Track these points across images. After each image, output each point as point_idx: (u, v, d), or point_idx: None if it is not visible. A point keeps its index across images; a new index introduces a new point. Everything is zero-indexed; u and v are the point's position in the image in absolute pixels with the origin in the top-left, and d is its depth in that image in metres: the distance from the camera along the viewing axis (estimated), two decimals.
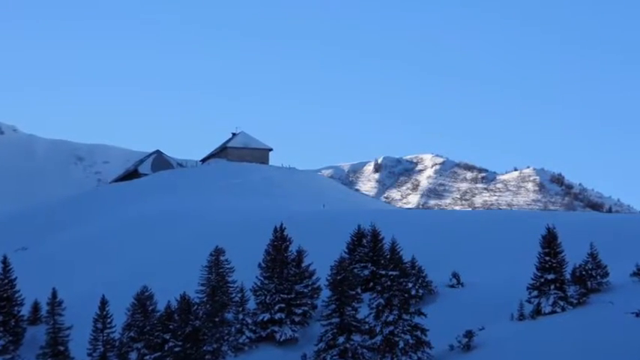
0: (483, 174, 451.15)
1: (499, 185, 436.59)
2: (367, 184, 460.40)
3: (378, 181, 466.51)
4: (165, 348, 64.55)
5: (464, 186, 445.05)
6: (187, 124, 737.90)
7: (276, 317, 66.74)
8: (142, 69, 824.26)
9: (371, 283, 68.00)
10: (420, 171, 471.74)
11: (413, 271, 67.28)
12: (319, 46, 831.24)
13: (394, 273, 56.66)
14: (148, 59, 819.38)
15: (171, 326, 65.45)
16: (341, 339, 57.28)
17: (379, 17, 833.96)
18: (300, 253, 70.74)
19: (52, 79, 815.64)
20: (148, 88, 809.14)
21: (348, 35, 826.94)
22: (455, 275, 69.78)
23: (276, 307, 67.00)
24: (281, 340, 65.98)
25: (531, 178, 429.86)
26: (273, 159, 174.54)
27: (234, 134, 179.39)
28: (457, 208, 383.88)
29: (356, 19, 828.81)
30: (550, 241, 59.45)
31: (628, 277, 61.00)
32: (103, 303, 71.07)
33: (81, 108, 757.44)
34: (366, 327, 57.20)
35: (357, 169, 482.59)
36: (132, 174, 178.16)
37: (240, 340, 65.23)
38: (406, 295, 57.05)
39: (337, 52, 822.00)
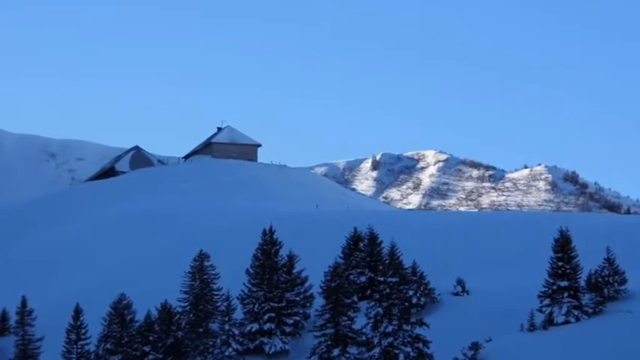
0: (491, 172, 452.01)
1: (508, 184, 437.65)
2: (364, 182, 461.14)
3: (376, 179, 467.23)
4: None
5: (469, 185, 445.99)
6: (169, 117, 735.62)
7: (266, 328, 66.78)
8: (118, 58, 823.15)
9: (368, 291, 68.07)
10: (422, 169, 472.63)
11: (414, 278, 67.36)
12: (312, 34, 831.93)
13: (394, 280, 56.76)
14: (126, 48, 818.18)
15: (151, 337, 65.50)
16: (336, 351, 57.35)
17: (376, 3, 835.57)
18: (291, 258, 70.79)
19: (21, 69, 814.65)
20: (125, 78, 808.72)
21: (343, 22, 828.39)
22: (460, 282, 69.87)
23: (266, 317, 67.04)
24: (270, 352, 66.03)
25: (543, 177, 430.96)
26: (262, 156, 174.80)
27: (219, 129, 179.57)
28: (462, 209, 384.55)
29: (351, 5, 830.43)
30: (563, 245, 59.57)
31: None
32: (77, 312, 71.03)
33: (53, 100, 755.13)
34: (363, 338, 57.28)
35: (353, 167, 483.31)
36: (108, 172, 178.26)
37: (226, 353, 65.20)
38: (407, 303, 57.18)
39: (331, 40, 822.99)
